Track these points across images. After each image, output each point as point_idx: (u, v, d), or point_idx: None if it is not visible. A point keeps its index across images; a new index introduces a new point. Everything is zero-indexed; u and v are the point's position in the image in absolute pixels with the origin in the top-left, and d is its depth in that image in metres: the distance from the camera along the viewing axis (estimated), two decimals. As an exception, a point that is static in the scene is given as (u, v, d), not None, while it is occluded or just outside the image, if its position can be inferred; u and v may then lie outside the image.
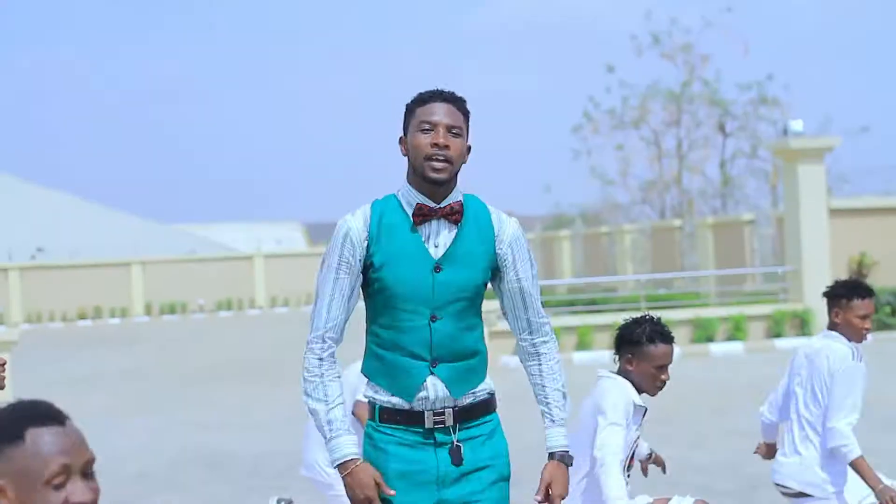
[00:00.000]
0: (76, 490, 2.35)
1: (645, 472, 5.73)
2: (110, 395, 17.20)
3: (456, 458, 3.89)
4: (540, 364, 4.02)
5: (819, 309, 21.22)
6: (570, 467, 3.98)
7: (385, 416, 3.91)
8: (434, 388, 3.87)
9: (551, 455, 3.95)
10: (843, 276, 22.42)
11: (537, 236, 44.78)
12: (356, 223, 3.90)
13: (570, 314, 23.10)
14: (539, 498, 3.91)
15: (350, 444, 3.82)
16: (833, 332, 6.02)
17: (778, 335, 20.79)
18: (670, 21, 41.86)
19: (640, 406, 5.08)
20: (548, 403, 3.99)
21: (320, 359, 3.90)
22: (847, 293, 5.99)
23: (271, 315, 42.10)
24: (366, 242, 3.89)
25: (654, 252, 35.15)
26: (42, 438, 2.35)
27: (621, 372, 5.13)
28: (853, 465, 5.72)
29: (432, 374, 3.86)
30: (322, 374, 3.89)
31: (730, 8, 41.43)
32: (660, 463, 5.73)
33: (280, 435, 12.46)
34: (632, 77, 53.19)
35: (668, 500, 5.29)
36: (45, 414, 2.39)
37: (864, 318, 5.95)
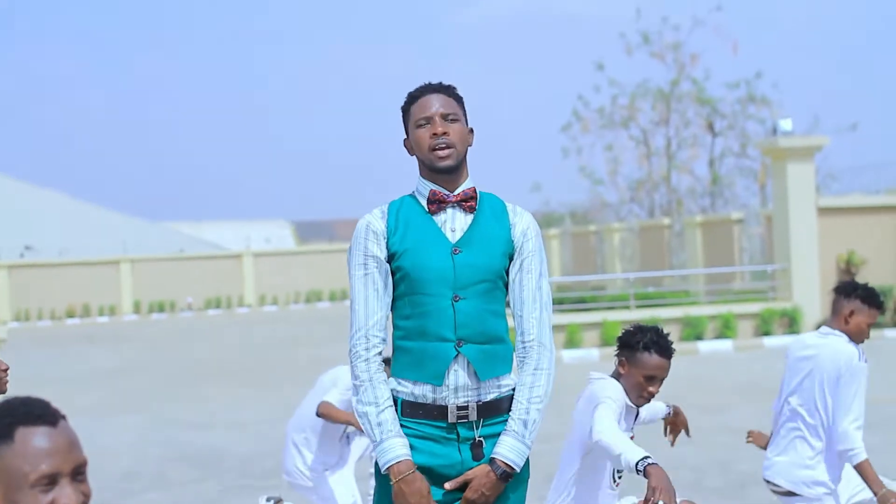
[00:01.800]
0: (63, 494, 2.32)
1: (672, 439, 5.64)
2: (98, 393, 17.15)
3: (477, 453, 3.82)
4: (521, 371, 3.88)
5: (808, 307, 21.26)
6: (502, 481, 3.79)
7: (407, 409, 3.84)
8: (456, 375, 3.80)
9: (490, 460, 3.80)
10: (833, 275, 22.17)
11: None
12: (374, 217, 3.93)
13: (558, 312, 23.10)
14: (449, 486, 3.80)
15: (402, 446, 3.76)
16: (835, 331, 5.98)
17: (767, 333, 20.83)
18: (660, 19, 41.98)
19: (632, 407, 5.04)
20: (510, 413, 3.85)
21: (366, 360, 3.84)
22: (868, 298, 5.97)
23: (260, 313, 42.06)
24: (386, 233, 3.89)
25: (643, 250, 35.18)
26: (31, 439, 2.31)
27: (614, 375, 5.08)
28: (858, 467, 5.69)
29: (459, 353, 3.80)
30: (371, 377, 3.83)
31: (719, 6, 41.52)
32: (682, 424, 5.60)
33: (268, 434, 12.44)
34: (621, 76, 53.28)
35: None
36: (37, 414, 2.34)
37: (870, 326, 6.00)
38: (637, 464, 4.32)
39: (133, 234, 56.20)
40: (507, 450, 3.78)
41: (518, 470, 3.80)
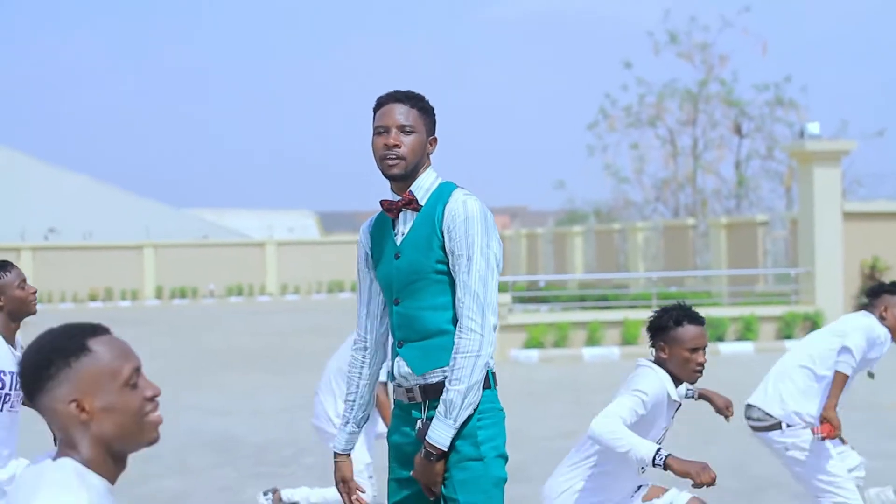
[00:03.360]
0: (148, 385, 2.53)
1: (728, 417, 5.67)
2: (119, 378, 17.21)
3: (421, 433, 3.99)
4: (454, 355, 3.93)
5: (830, 311, 21.19)
6: (434, 461, 3.93)
7: (394, 393, 4.23)
8: (398, 366, 4.08)
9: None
10: (856, 280, 22.06)
11: (549, 231, 44.76)
12: (364, 228, 4.28)
13: (580, 310, 23.09)
14: (412, 474, 4.05)
15: (340, 441, 4.31)
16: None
17: (788, 336, 20.75)
18: (689, 19, 41.91)
19: (675, 401, 5.01)
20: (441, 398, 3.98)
21: (353, 351, 4.34)
22: None
23: (281, 302, 42.16)
24: (369, 243, 4.24)
25: (667, 250, 35.10)
26: (108, 346, 2.50)
27: (658, 363, 5.06)
28: (836, 374, 6.04)
29: (398, 354, 4.08)
30: (351, 366, 4.34)
31: (748, 8, 41.41)
32: (725, 406, 5.64)
33: (287, 422, 12.48)
34: (649, 75, 53.21)
35: (666, 490, 5.27)
36: (95, 326, 2.53)
37: None
38: (654, 459, 4.47)
39: (157, 219, 56.37)
40: (431, 430, 3.92)
41: (443, 448, 3.92)
